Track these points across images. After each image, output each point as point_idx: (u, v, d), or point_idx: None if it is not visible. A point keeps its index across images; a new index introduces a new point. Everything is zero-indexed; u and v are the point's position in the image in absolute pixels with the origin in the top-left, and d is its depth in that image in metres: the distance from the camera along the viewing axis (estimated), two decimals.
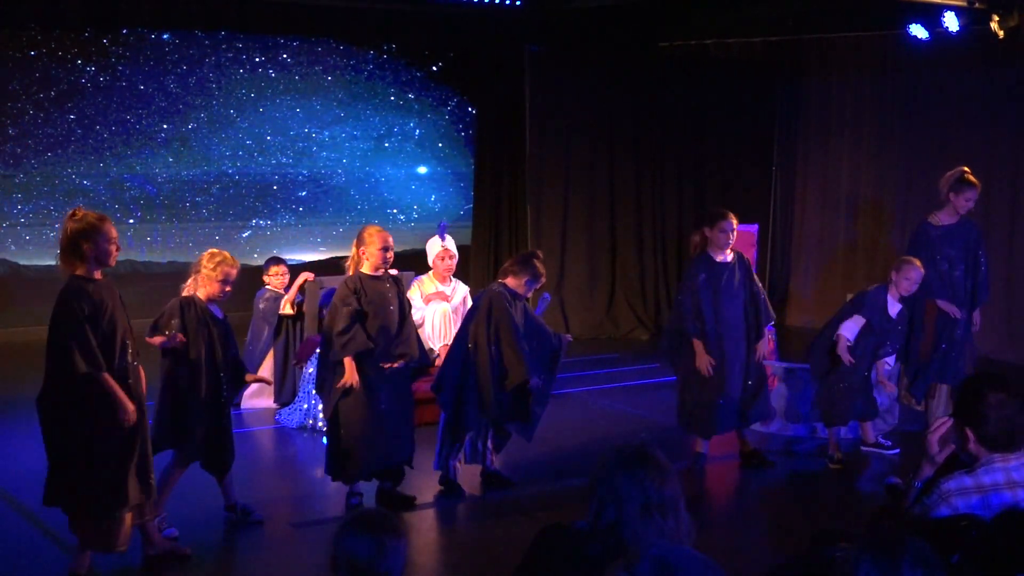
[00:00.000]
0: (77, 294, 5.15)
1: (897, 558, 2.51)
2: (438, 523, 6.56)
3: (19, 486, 6.69)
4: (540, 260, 6.79)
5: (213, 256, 5.94)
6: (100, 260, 5.24)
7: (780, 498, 7.11)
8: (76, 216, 5.25)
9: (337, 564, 2.93)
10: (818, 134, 12.80)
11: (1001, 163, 10.99)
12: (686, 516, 2.90)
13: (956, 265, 7.80)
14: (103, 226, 5.23)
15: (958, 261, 7.80)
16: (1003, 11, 9.34)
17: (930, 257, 7.71)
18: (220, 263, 5.89)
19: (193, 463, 5.95)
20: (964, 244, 7.83)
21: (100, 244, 5.20)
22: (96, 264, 5.24)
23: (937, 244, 7.78)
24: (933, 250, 7.77)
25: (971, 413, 3.57)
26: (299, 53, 12.47)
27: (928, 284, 7.64)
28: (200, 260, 5.96)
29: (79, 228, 5.20)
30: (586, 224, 12.26)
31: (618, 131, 12.30)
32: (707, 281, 7.14)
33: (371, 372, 6.26)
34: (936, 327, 7.84)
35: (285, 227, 12.74)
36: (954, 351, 7.88)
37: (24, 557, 5.71)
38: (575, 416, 8.72)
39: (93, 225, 5.21)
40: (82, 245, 5.19)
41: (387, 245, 6.36)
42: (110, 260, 5.28)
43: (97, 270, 5.27)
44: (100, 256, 5.23)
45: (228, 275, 5.90)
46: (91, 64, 11.52)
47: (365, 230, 6.43)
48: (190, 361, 5.76)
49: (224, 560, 5.90)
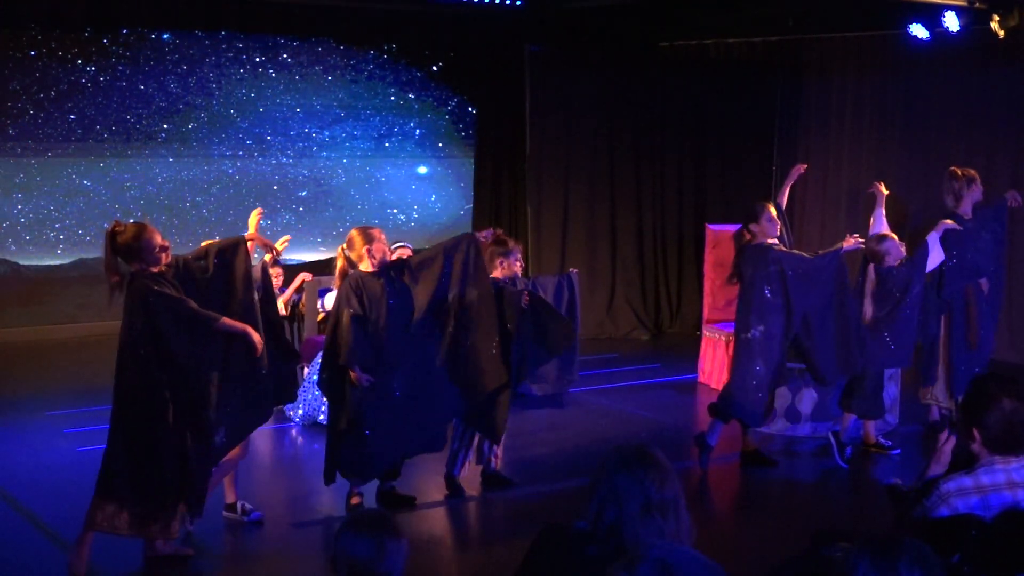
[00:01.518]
0: (153, 281, 5.31)
1: (895, 559, 2.51)
2: (438, 523, 6.56)
3: (19, 486, 6.69)
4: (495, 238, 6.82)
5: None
6: (156, 258, 5.41)
7: (780, 498, 7.11)
8: (118, 229, 5.40)
9: (337, 564, 2.93)
10: (818, 134, 12.80)
11: (1001, 163, 10.98)
12: (686, 516, 2.90)
13: (1002, 242, 7.95)
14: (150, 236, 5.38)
15: (1000, 239, 7.94)
16: (1003, 11, 9.34)
17: (967, 247, 7.80)
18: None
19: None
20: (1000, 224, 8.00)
21: (146, 258, 5.36)
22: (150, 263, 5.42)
23: (975, 230, 7.84)
24: (968, 240, 7.82)
25: (980, 414, 3.56)
26: (299, 53, 12.47)
27: (968, 270, 7.76)
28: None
29: (124, 242, 5.36)
30: (586, 224, 12.25)
31: (618, 131, 12.30)
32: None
33: (380, 366, 6.24)
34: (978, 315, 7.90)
35: (285, 227, 12.73)
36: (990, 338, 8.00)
37: (24, 557, 5.71)
38: (575, 416, 8.72)
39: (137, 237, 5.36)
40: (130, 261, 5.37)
41: (381, 239, 6.35)
42: (164, 253, 5.44)
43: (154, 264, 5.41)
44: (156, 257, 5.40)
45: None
46: (91, 64, 11.52)
47: (351, 234, 6.40)
48: None
49: (224, 560, 5.90)
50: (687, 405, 9.14)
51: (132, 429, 5.39)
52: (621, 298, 12.42)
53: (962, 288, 7.82)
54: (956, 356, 7.88)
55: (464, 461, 6.80)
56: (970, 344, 7.82)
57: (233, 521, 6.15)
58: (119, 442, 5.40)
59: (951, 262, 7.79)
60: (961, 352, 7.86)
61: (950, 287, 7.78)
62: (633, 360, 10.86)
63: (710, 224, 10.75)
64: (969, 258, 7.81)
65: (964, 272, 7.82)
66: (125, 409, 5.40)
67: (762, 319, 7.15)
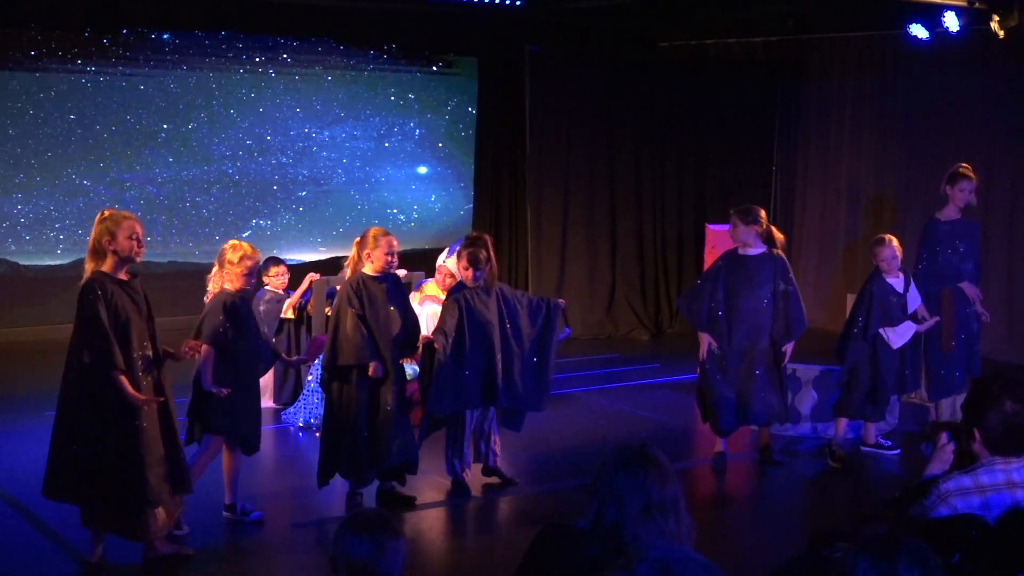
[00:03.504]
0: (93, 289, 5.23)
1: (894, 559, 2.51)
2: (438, 523, 6.57)
3: (19, 486, 6.69)
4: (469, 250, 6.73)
5: (235, 249, 6.02)
6: (122, 256, 5.31)
7: (780, 498, 7.11)
8: (104, 216, 5.36)
9: (336, 564, 2.93)
10: (818, 134, 12.80)
11: (1001, 163, 10.98)
12: (687, 517, 2.90)
13: (966, 259, 7.84)
14: (125, 222, 5.33)
15: (967, 255, 7.84)
16: (1003, 11, 9.34)
17: (940, 250, 7.79)
18: (243, 257, 5.98)
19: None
20: (973, 239, 7.91)
21: (120, 240, 5.27)
22: (120, 262, 5.31)
23: (946, 238, 7.82)
24: (943, 244, 7.82)
25: (982, 414, 3.55)
26: (299, 53, 12.47)
27: (940, 274, 7.72)
28: (223, 254, 6.04)
29: (103, 227, 5.30)
30: (586, 224, 12.25)
31: (618, 131, 12.30)
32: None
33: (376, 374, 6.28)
34: (955, 318, 7.84)
35: (285, 227, 12.73)
36: (975, 343, 7.92)
37: (24, 557, 5.71)
38: (575, 416, 8.72)
39: (116, 221, 5.31)
40: (103, 241, 5.25)
41: (392, 250, 6.38)
42: (133, 256, 5.35)
43: (122, 269, 5.33)
44: (120, 251, 5.29)
45: (251, 268, 6.03)
46: (91, 64, 11.51)
47: (370, 232, 6.42)
48: (240, 353, 5.90)
49: (224, 560, 5.90)
50: (687, 405, 9.11)
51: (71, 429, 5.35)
52: (621, 298, 12.42)
53: (936, 292, 7.79)
54: (932, 359, 7.88)
55: (461, 466, 6.80)
56: (943, 347, 7.81)
57: (233, 521, 6.15)
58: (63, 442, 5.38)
59: (919, 266, 7.80)
60: (937, 355, 7.85)
61: (923, 290, 7.72)
62: (633, 360, 10.86)
63: (710, 224, 10.76)
64: (940, 262, 7.79)
65: (936, 276, 7.79)
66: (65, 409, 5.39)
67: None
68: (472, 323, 6.55)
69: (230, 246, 6.05)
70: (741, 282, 7.18)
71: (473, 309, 6.56)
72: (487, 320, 6.58)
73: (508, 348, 6.66)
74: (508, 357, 6.66)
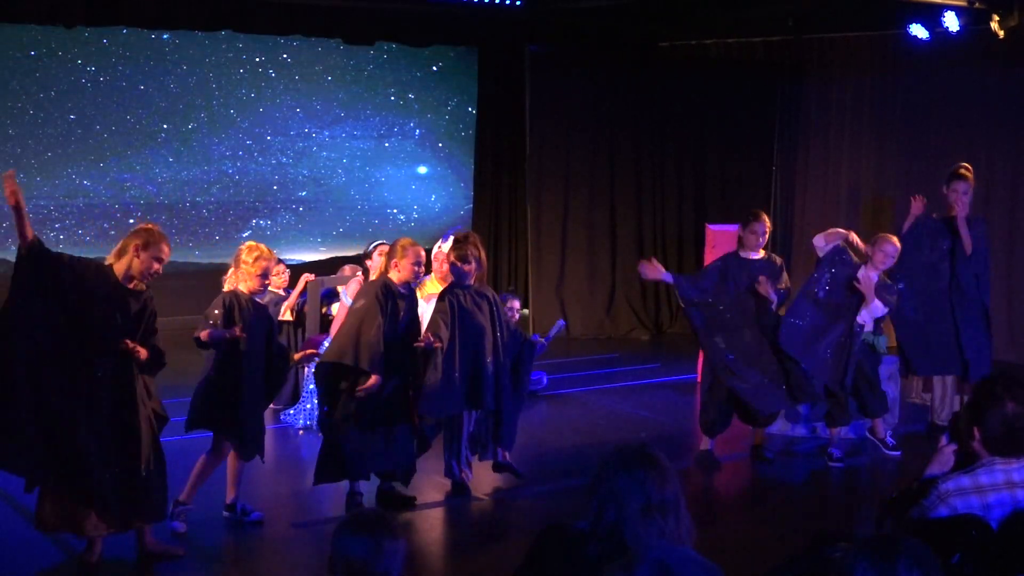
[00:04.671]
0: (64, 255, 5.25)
1: (894, 559, 2.51)
2: (438, 523, 6.56)
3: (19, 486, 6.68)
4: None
5: (251, 250, 6.05)
6: (138, 267, 5.37)
7: (780, 498, 7.11)
8: (148, 226, 5.47)
9: (334, 564, 2.93)
10: (818, 134, 12.79)
11: (1001, 163, 10.98)
12: (687, 517, 2.90)
13: (944, 258, 7.83)
14: (163, 244, 5.43)
15: (946, 255, 7.83)
16: (1003, 11, 9.35)
17: (919, 244, 7.79)
18: (258, 258, 6.00)
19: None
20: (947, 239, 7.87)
21: (147, 254, 5.36)
22: (132, 272, 5.37)
23: (932, 234, 7.81)
24: (927, 238, 7.82)
25: (982, 414, 3.55)
26: (299, 53, 12.47)
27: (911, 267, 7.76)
28: (239, 254, 6.07)
29: (142, 236, 5.37)
30: (586, 224, 12.25)
31: (618, 131, 12.30)
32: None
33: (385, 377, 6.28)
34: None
35: (285, 227, 12.73)
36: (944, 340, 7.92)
37: (24, 557, 5.71)
38: (575, 416, 8.72)
39: (156, 239, 5.39)
40: (132, 245, 5.34)
41: (420, 260, 6.38)
42: (147, 274, 5.42)
43: (130, 281, 5.37)
44: (140, 262, 5.36)
45: (267, 269, 6.05)
46: (91, 64, 11.51)
47: (399, 241, 6.44)
48: (242, 353, 5.88)
49: (224, 560, 5.90)
50: (687, 405, 9.13)
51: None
52: (621, 298, 12.42)
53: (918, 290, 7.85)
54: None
55: (459, 467, 6.80)
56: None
57: (233, 521, 6.15)
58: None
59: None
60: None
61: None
62: (633, 360, 10.86)
63: (710, 224, 10.75)
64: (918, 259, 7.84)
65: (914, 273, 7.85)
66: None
67: None
68: (463, 326, 6.53)
69: (247, 247, 6.08)
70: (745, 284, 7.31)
71: (465, 311, 6.55)
72: (479, 323, 6.56)
73: (497, 355, 6.63)
74: (497, 362, 6.63)
